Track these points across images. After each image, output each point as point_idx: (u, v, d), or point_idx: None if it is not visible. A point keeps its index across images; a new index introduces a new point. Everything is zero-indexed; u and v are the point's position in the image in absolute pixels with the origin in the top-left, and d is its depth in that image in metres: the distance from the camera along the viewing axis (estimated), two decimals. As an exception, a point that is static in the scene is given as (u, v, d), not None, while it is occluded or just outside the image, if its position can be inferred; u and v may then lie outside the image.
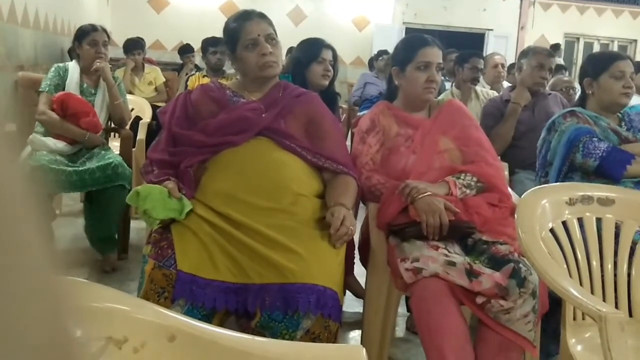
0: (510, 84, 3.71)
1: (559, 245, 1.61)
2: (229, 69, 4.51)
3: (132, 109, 3.67)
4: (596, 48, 10.22)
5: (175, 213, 1.69)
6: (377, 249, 1.97)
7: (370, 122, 2.17)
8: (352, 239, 1.82)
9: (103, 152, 3.02)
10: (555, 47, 8.23)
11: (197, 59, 6.59)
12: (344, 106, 6.58)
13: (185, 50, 6.62)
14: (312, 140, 1.94)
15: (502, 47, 8.43)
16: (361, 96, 6.32)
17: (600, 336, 1.21)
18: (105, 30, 3.21)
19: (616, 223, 1.70)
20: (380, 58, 6.87)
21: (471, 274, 1.65)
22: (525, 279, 1.61)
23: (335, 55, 2.86)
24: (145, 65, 5.64)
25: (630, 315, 1.63)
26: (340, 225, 1.69)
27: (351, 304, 2.56)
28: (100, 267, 2.95)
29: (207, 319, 1.57)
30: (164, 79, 5.65)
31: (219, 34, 2.09)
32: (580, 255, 1.64)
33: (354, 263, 2.05)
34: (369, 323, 2.01)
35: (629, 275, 1.66)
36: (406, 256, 1.75)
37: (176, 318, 0.98)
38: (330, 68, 2.79)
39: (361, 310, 2.24)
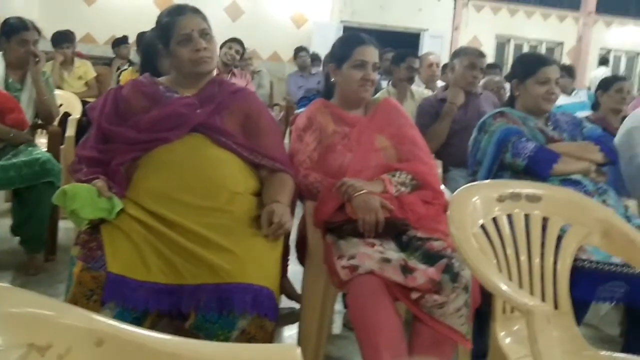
0: (444, 83, 3.79)
1: (489, 241, 1.65)
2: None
3: (61, 105, 3.53)
4: (526, 49, 10.60)
5: (104, 213, 1.63)
6: (314, 246, 1.97)
7: (307, 120, 2.17)
8: (288, 242, 1.80)
9: (30, 148, 2.88)
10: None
11: (132, 53, 6.42)
12: (282, 103, 6.57)
13: (118, 42, 6.47)
14: (249, 138, 1.91)
15: (437, 47, 8.60)
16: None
17: (527, 328, 1.25)
18: (36, 28, 3.06)
19: (543, 219, 1.76)
20: (299, 55, 6.93)
21: (406, 270, 1.67)
22: (458, 274, 1.64)
23: None
24: (75, 59, 5.44)
25: (556, 307, 1.69)
26: (274, 220, 1.67)
27: (283, 300, 2.54)
28: (25, 269, 2.82)
29: (138, 321, 1.53)
30: (94, 74, 5.48)
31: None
32: (509, 250, 1.69)
33: (287, 265, 2.04)
34: (306, 321, 2.01)
35: (554, 269, 1.72)
36: (343, 254, 1.76)
37: (104, 322, 0.94)
38: None
39: (293, 304, 2.23)
